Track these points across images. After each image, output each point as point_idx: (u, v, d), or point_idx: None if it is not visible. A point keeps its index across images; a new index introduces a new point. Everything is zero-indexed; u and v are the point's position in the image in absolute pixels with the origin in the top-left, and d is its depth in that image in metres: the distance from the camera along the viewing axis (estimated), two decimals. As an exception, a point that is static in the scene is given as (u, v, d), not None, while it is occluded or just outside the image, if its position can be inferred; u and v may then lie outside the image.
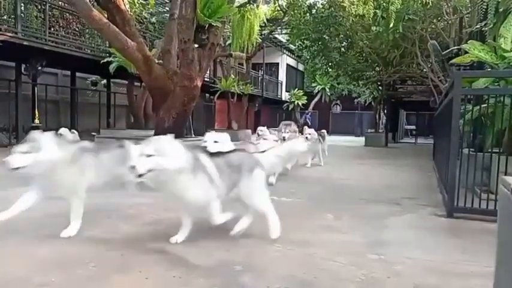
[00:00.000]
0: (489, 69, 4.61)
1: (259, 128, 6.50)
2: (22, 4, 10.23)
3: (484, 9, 6.25)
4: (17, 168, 2.34)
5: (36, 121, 12.25)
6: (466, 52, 4.66)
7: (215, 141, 3.56)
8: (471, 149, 4.38)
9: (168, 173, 2.30)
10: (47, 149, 2.44)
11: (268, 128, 6.79)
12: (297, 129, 6.26)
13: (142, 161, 2.23)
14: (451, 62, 6.63)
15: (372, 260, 2.36)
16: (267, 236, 2.76)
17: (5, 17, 10.43)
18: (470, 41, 4.92)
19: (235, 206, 2.71)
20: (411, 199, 4.35)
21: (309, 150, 7.08)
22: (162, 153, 2.27)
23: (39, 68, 11.42)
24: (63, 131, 6.09)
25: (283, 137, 6.08)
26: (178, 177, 2.34)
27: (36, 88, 12.26)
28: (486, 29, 5.92)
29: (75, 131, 6.59)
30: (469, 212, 3.44)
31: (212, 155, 2.74)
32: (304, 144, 3.34)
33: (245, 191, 2.66)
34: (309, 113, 28.72)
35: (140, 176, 2.23)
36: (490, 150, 3.94)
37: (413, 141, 19.64)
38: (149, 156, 2.25)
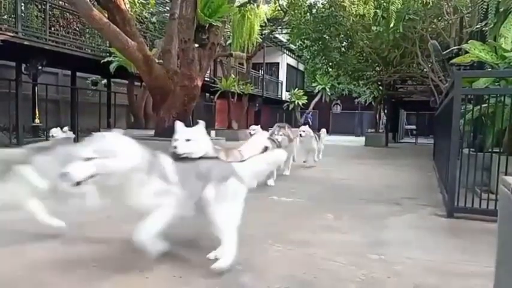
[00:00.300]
0: (489, 69, 4.61)
1: (252, 126, 5.97)
2: (22, 4, 10.23)
3: (484, 9, 6.25)
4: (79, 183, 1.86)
5: (37, 121, 12.29)
6: (467, 52, 4.66)
7: (187, 140, 2.81)
8: (471, 149, 4.39)
9: (119, 176, 1.92)
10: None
11: (262, 128, 6.37)
12: (291, 133, 5.80)
13: (78, 166, 1.83)
14: (451, 61, 6.63)
15: (372, 260, 2.36)
16: (267, 235, 2.77)
17: (5, 17, 10.44)
18: (470, 40, 4.92)
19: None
20: (411, 199, 4.35)
21: (303, 148, 7.00)
22: (107, 153, 1.87)
23: (40, 67, 11.42)
24: (55, 131, 5.82)
25: (277, 140, 5.27)
26: (133, 178, 1.98)
27: (36, 88, 12.29)
28: (486, 28, 5.92)
29: (68, 129, 6.41)
30: (469, 212, 3.44)
31: (180, 158, 2.41)
32: (284, 153, 2.96)
33: (209, 202, 2.16)
34: (310, 113, 28.73)
35: (78, 184, 1.83)
36: (490, 150, 3.94)
37: (414, 141, 19.64)
38: (89, 159, 1.85)
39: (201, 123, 2.97)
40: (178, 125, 2.89)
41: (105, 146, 1.91)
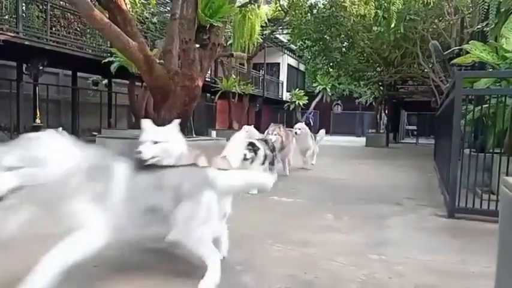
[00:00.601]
0: (490, 70, 4.61)
1: (245, 126, 5.61)
2: (23, 4, 10.25)
3: (485, 10, 6.25)
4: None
5: (38, 121, 12.28)
6: (468, 52, 4.66)
7: (155, 142, 2.38)
8: (472, 150, 4.38)
9: (48, 188, 1.57)
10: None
11: (260, 128, 6.20)
12: (286, 134, 5.57)
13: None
14: (452, 62, 6.63)
15: (373, 260, 2.36)
16: (268, 236, 2.77)
17: (6, 17, 10.46)
18: (471, 41, 4.92)
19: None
20: (412, 199, 4.35)
21: (298, 147, 6.68)
22: (35, 160, 1.53)
23: (41, 67, 11.43)
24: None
25: (270, 140, 4.98)
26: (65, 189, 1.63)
27: (37, 88, 12.28)
28: (488, 29, 5.91)
29: (62, 129, 6.36)
30: (470, 213, 3.43)
31: (146, 166, 2.06)
32: (271, 179, 2.17)
33: (179, 222, 1.82)
34: (311, 113, 28.71)
35: None
36: (491, 150, 3.94)
37: (415, 141, 19.64)
38: (13, 168, 1.50)
39: (175, 123, 2.54)
40: (146, 124, 2.46)
41: (33, 151, 1.56)
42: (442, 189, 4.50)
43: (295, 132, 6.39)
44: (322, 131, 8.06)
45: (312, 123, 28.57)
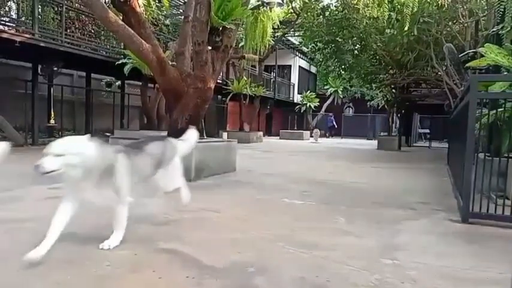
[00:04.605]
0: (506, 73, 4.54)
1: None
2: (39, 6, 10.42)
3: (501, 12, 6.16)
4: None
5: (52, 121, 12.48)
6: (482, 55, 4.60)
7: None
8: (487, 154, 4.32)
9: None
10: None
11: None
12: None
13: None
14: (467, 65, 6.55)
15: (386, 264, 2.34)
16: (279, 238, 2.77)
17: (23, 19, 10.65)
18: (486, 44, 4.86)
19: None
20: (425, 204, 4.31)
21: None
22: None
23: (56, 68, 11.62)
24: None
25: None
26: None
27: (52, 89, 12.49)
28: (503, 32, 5.83)
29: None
30: (485, 218, 3.38)
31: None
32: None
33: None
34: (332, 115, 28.66)
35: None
36: (506, 155, 3.88)
37: (427, 145, 19.42)
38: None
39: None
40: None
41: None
42: (455, 193, 4.45)
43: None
44: (192, 132, 3.96)
45: (335, 126, 28.56)
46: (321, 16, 14.96)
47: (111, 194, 2.37)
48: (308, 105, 26.98)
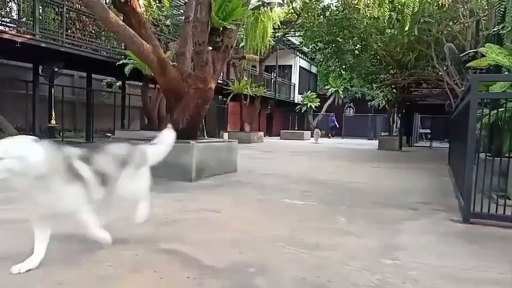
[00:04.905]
0: (507, 73, 4.54)
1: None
2: (40, 7, 10.44)
3: (501, 12, 6.16)
4: None
5: (53, 122, 12.49)
6: (483, 55, 4.60)
7: None
8: (488, 154, 4.32)
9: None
10: None
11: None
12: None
13: None
14: (467, 65, 6.55)
15: (387, 264, 2.34)
16: (280, 238, 2.77)
17: (23, 20, 10.67)
18: (487, 44, 4.86)
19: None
20: (426, 204, 4.30)
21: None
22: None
23: (56, 69, 11.64)
24: None
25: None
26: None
27: (52, 89, 12.52)
28: (504, 32, 5.83)
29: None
30: (486, 218, 3.38)
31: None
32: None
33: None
34: (333, 115, 28.67)
35: None
36: (507, 155, 3.88)
37: (428, 145, 19.41)
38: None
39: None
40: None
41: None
42: (456, 193, 4.44)
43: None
44: (166, 133, 2.98)
45: (337, 126, 28.56)
46: (322, 16, 14.95)
47: (69, 201, 2.07)
48: (309, 105, 27.00)
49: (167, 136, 2.84)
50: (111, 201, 2.46)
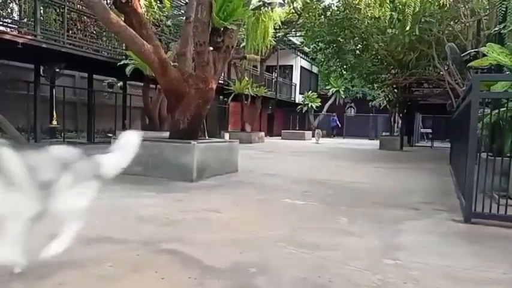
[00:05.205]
0: (508, 73, 4.53)
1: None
2: (41, 7, 10.46)
3: (503, 11, 6.15)
4: None
5: (54, 122, 12.51)
6: (484, 55, 4.59)
7: None
8: (489, 154, 4.31)
9: None
10: None
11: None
12: None
13: None
14: (469, 65, 6.54)
15: (388, 264, 2.33)
16: (281, 238, 2.77)
17: (25, 20, 10.69)
18: (488, 43, 4.85)
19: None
20: (427, 203, 4.30)
21: None
22: None
23: (57, 70, 11.66)
24: None
25: None
26: None
27: (54, 90, 12.54)
28: (505, 31, 5.82)
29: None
30: (487, 218, 3.37)
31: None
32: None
33: None
34: (335, 115, 28.67)
35: None
36: (508, 154, 3.87)
37: (429, 144, 19.38)
38: None
39: None
40: None
41: None
42: (458, 193, 4.44)
43: None
44: (127, 137, 2.35)
45: (339, 125, 28.56)
46: (323, 16, 14.94)
47: None
48: (310, 105, 27.00)
49: (127, 142, 2.28)
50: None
